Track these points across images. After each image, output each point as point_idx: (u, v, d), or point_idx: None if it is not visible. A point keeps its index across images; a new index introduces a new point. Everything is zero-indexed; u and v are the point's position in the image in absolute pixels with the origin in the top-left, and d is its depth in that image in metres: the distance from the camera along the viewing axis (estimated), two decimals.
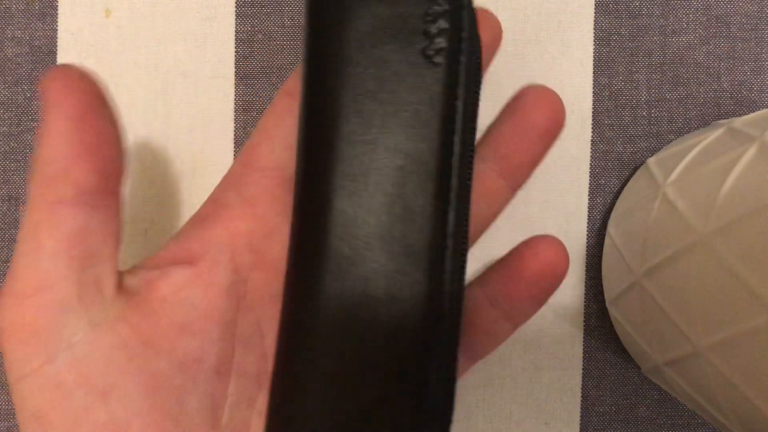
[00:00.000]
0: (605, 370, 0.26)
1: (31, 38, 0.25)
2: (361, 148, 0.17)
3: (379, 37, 0.17)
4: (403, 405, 0.16)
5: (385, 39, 0.17)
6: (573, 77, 0.26)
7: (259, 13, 0.25)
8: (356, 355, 0.16)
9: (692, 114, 0.26)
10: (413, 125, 0.17)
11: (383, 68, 0.17)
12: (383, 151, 0.17)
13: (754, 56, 0.26)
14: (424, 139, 0.17)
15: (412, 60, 0.17)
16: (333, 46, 0.17)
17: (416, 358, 0.16)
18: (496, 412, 0.26)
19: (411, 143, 0.17)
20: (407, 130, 0.17)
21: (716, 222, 0.18)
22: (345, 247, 0.16)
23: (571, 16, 0.25)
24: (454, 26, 0.17)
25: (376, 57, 0.17)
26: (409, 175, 0.17)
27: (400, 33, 0.17)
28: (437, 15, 0.17)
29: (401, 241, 0.17)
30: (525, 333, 0.26)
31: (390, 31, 0.17)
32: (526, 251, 0.19)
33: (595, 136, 0.26)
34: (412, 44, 0.17)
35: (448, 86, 0.17)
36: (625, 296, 0.23)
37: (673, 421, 0.26)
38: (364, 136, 0.17)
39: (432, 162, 0.17)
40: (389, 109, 0.17)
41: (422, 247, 0.17)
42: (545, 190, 0.26)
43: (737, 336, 0.17)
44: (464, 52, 0.17)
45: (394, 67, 0.17)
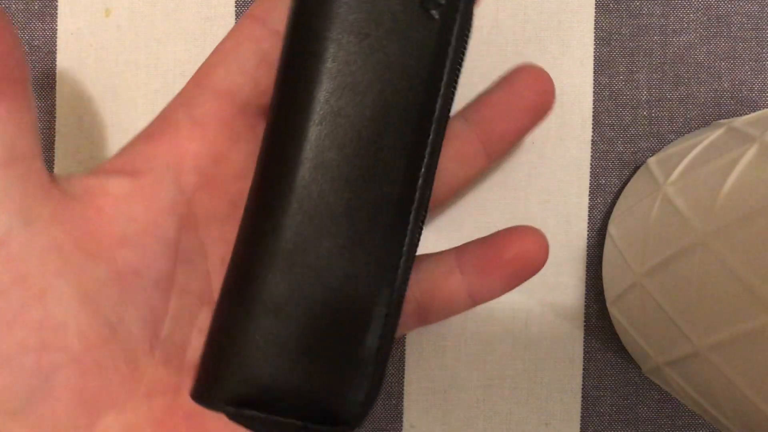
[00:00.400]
0: (606, 370, 0.26)
1: (30, 38, 0.25)
2: (338, 91, 0.17)
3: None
4: (339, 359, 0.17)
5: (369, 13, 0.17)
6: (573, 77, 0.26)
7: None
8: (301, 307, 0.16)
9: (693, 114, 0.26)
10: (396, 77, 0.17)
11: (376, 9, 0.17)
12: (360, 96, 0.17)
13: (755, 56, 0.26)
14: (404, 95, 0.17)
15: (408, 7, 0.17)
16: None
17: (359, 318, 0.17)
18: (496, 412, 0.26)
19: (390, 95, 0.17)
20: (389, 80, 0.17)
21: (716, 222, 0.18)
22: (306, 198, 0.17)
23: (571, 16, 0.25)
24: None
25: (368, 4, 0.17)
26: (383, 131, 0.17)
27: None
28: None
29: (365, 199, 0.17)
30: (525, 333, 0.26)
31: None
32: (511, 235, 0.19)
33: (596, 136, 0.26)
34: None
35: (439, 45, 0.17)
36: (625, 296, 0.23)
37: (674, 421, 0.26)
38: (344, 78, 0.17)
39: (407, 126, 0.17)
40: (375, 54, 0.17)
41: (387, 210, 0.17)
42: (545, 190, 0.26)
43: (737, 336, 0.17)
44: (460, 10, 0.17)
45: (388, 9, 0.17)
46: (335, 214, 0.17)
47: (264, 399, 0.16)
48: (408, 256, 0.17)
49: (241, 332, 0.17)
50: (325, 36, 0.17)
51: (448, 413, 0.26)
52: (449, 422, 0.26)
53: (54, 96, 0.25)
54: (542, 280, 0.26)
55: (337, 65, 0.17)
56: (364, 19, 0.17)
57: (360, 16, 0.17)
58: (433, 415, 0.26)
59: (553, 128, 0.26)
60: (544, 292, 0.26)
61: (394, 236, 0.17)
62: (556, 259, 0.26)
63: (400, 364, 0.26)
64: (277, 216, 0.17)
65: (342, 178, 0.17)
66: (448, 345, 0.26)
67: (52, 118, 0.25)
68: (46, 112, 0.25)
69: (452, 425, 0.26)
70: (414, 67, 0.17)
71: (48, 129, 0.25)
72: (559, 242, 0.26)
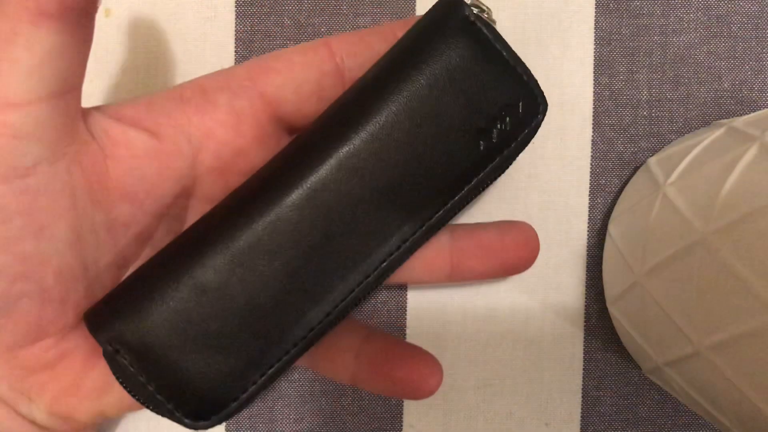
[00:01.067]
0: (606, 370, 0.26)
1: None
2: (362, 155, 0.18)
3: (459, 87, 0.18)
4: (232, 361, 0.17)
5: (462, 93, 0.18)
6: (573, 77, 0.26)
7: (259, 13, 0.25)
8: (225, 302, 0.17)
9: (693, 114, 0.26)
10: (415, 176, 0.18)
11: (440, 111, 0.18)
12: (369, 176, 0.18)
13: (755, 56, 0.26)
14: (415, 193, 0.18)
15: (461, 125, 0.18)
16: (417, 57, 0.18)
17: (267, 337, 0.18)
18: (496, 413, 0.26)
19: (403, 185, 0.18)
20: (406, 173, 0.18)
21: (717, 222, 0.18)
22: (280, 223, 0.17)
23: (571, 16, 0.25)
24: (513, 132, 0.19)
25: (441, 97, 0.18)
26: (373, 213, 0.18)
27: (475, 99, 0.18)
28: (508, 115, 0.19)
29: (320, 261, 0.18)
30: (525, 333, 0.26)
31: (468, 90, 0.18)
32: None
33: (596, 136, 0.26)
34: (476, 114, 0.18)
35: (466, 174, 0.19)
36: (625, 296, 0.23)
37: (674, 421, 0.26)
38: (374, 146, 0.18)
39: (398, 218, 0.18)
40: (413, 144, 0.18)
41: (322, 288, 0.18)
42: (545, 190, 0.26)
43: (737, 336, 0.17)
44: (503, 155, 0.19)
45: (449, 116, 0.18)
46: (298, 250, 0.18)
47: (145, 358, 0.17)
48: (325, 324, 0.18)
49: (161, 291, 0.17)
50: (384, 106, 0.18)
51: (448, 413, 0.26)
52: (449, 422, 0.26)
53: None
54: (542, 280, 0.26)
55: (378, 132, 0.18)
56: (425, 113, 0.18)
57: (423, 109, 0.18)
58: (433, 415, 0.26)
59: (553, 128, 0.26)
60: (544, 292, 0.26)
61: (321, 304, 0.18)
62: (556, 259, 0.26)
63: None
64: (253, 220, 0.17)
65: (322, 229, 0.18)
66: (448, 345, 0.26)
67: None
68: None
69: (452, 425, 0.26)
70: (437, 177, 0.19)
71: None
72: (559, 242, 0.26)
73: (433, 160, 0.18)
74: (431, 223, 0.19)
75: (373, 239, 0.18)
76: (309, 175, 0.18)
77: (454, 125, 0.18)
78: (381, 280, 0.19)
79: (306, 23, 0.25)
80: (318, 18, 0.25)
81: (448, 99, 0.18)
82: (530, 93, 0.19)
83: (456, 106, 0.18)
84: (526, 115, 0.19)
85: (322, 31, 0.25)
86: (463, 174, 0.19)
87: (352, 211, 0.18)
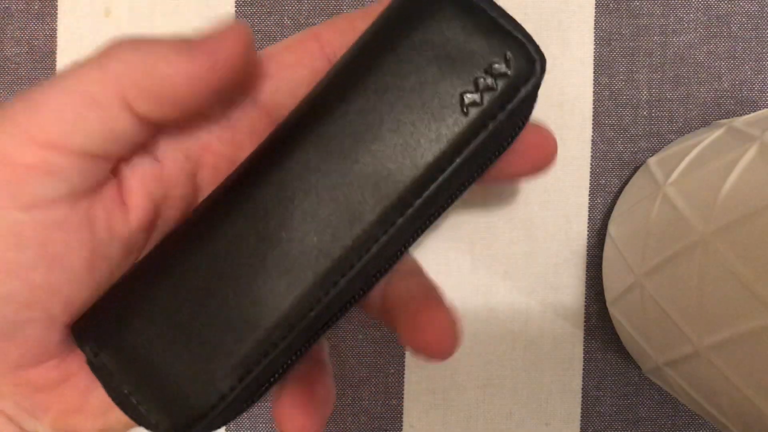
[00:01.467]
0: (606, 370, 0.26)
1: (30, 38, 0.25)
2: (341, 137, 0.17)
3: (434, 53, 0.17)
4: (207, 361, 0.16)
5: (438, 59, 0.17)
6: (573, 77, 0.26)
7: (259, 13, 0.25)
8: (200, 299, 0.17)
9: (693, 114, 0.26)
10: (398, 152, 0.17)
11: (416, 81, 0.17)
12: (360, 161, 0.17)
13: (755, 56, 0.26)
14: (398, 172, 0.17)
15: (446, 92, 0.17)
16: (390, 33, 0.17)
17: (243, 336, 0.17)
18: (496, 413, 0.26)
19: (389, 172, 0.17)
20: (397, 157, 0.17)
21: (716, 222, 0.18)
22: (266, 220, 0.17)
23: (571, 16, 0.25)
24: (504, 94, 0.17)
25: (417, 67, 0.17)
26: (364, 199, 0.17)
27: (454, 63, 0.17)
28: (496, 74, 0.17)
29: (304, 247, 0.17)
30: (525, 333, 0.26)
31: (447, 55, 0.17)
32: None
33: (596, 136, 0.26)
34: (456, 79, 0.17)
35: (458, 143, 0.17)
36: (625, 296, 0.23)
37: (674, 421, 0.26)
38: (354, 127, 0.17)
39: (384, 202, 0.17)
40: (393, 122, 0.17)
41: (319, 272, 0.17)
42: (545, 190, 0.26)
43: (737, 336, 0.17)
44: (497, 122, 0.17)
45: (427, 86, 0.17)
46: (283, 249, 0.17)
47: (127, 366, 0.16)
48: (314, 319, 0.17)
49: (141, 296, 0.17)
50: (357, 85, 0.17)
51: (448, 413, 0.26)
52: (449, 422, 0.26)
53: None
54: (542, 280, 0.26)
55: (355, 112, 0.17)
56: (403, 86, 0.17)
57: (400, 82, 0.17)
58: (433, 415, 0.26)
59: (553, 128, 0.26)
60: (544, 292, 0.26)
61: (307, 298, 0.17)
62: (556, 259, 0.26)
63: (400, 364, 0.26)
64: (234, 218, 0.17)
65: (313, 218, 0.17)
66: None
67: None
68: None
69: (452, 425, 0.26)
70: (419, 151, 0.17)
71: None
72: (559, 242, 0.26)
73: (419, 126, 0.17)
74: (419, 205, 0.17)
75: (356, 227, 0.17)
76: (281, 166, 0.17)
77: (438, 91, 0.17)
78: (374, 271, 0.17)
79: (306, 23, 0.25)
80: (318, 18, 0.25)
81: (429, 66, 0.17)
82: (521, 47, 0.16)
83: (439, 72, 0.17)
84: (519, 74, 0.16)
85: None
86: (453, 146, 0.17)
87: (332, 196, 0.17)
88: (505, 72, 0.16)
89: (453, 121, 0.17)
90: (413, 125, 0.17)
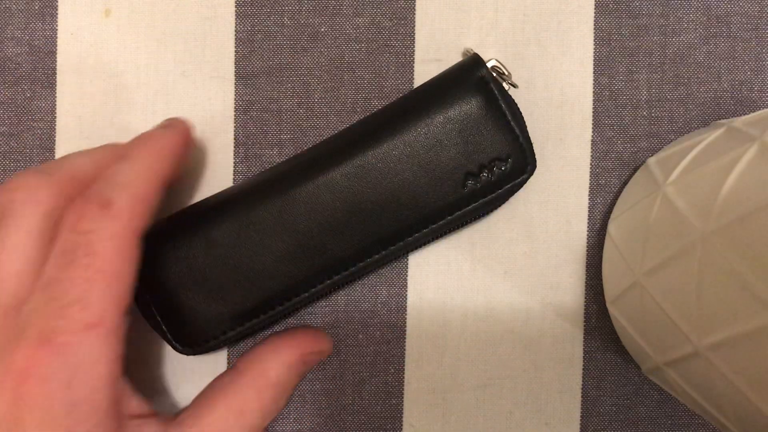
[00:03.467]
0: (605, 370, 0.26)
1: (30, 38, 0.25)
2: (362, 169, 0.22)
3: (458, 131, 0.22)
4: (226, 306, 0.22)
5: (458, 137, 0.21)
6: (573, 77, 0.26)
7: (259, 13, 0.25)
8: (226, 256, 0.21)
9: (693, 114, 0.26)
10: (401, 196, 0.21)
11: (437, 149, 0.21)
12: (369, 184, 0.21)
13: (755, 56, 0.26)
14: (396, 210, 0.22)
15: (455, 167, 0.22)
16: (431, 99, 0.22)
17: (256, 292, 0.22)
18: (496, 412, 0.26)
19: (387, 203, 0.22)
20: (399, 200, 0.22)
21: (716, 222, 0.18)
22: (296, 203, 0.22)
23: (571, 16, 0.25)
24: (496, 184, 0.22)
25: (441, 138, 0.21)
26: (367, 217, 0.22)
27: (467, 146, 0.22)
28: (495, 168, 0.22)
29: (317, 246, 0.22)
30: (525, 333, 0.26)
31: (466, 139, 0.22)
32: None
33: (596, 136, 0.26)
34: (466, 160, 0.22)
35: (448, 209, 0.22)
36: (625, 296, 0.23)
37: (674, 421, 0.26)
38: (380, 171, 0.22)
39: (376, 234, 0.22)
40: (408, 173, 0.21)
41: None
42: (545, 190, 0.26)
43: (737, 336, 0.17)
44: (484, 200, 0.22)
45: (443, 156, 0.21)
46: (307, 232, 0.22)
47: (161, 299, 0.22)
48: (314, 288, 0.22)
49: (179, 243, 0.22)
50: (396, 134, 0.22)
51: (448, 413, 0.26)
52: (449, 422, 0.26)
53: (54, 96, 0.25)
54: (542, 280, 0.26)
55: (384, 153, 0.22)
56: (428, 146, 0.22)
57: (427, 143, 0.22)
58: (433, 415, 0.26)
59: (553, 128, 0.26)
60: (544, 292, 0.26)
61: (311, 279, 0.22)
62: (556, 259, 0.26)
63: (400, 364, 0.26)
64: (268, 194, 0.22)
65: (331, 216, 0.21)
66: (448, 345, 0.26)
67: (52, 118, 0.25)
68: (46, 112, 0.25)
69: (452, 425, 0.26)
70: (422, 203, 0.22)
71: (48, 129, 0.25)
72: (559, 242, 0.26)
73: (422, 186, 0.21)
74: (407, 243, 0.22)
75: (356, 245, 0.21)
76: (322, 172, 0.21)
77: (448, 163, 0.21)
78: (349, 280, 0.22)
79: (306, 23, 0.25)
80: (318, 18, 0.25)
81: (448, 141, 0.21)
82: (522, 152, 0.22)
83: (454, 148, 0.21)
84: (513, 171, 0.22)
85: (321, 31, 0.25)
86: (445, 207, 0.22)
87: (347, 213, 0.21)
88: (503, 169, 0.22)
89: (452, 191, 0.22)
90: (420, 180, 0.21)
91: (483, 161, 0.22)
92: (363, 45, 0.25)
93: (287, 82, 0.25)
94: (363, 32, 0.25)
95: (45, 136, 0.25)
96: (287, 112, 0.25)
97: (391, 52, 0.25)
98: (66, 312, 0.17)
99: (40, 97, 0.25)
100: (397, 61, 0.25)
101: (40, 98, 0.25)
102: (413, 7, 0.25)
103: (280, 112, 0.25)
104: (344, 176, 0.21)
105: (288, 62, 0.25)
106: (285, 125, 0.25)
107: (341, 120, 0.25)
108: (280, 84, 0.25)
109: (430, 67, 0.25)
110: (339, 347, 0.26)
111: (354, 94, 0.25)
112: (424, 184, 0.21)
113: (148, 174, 0.20)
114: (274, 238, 0.21)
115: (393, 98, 0.25)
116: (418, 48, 0.25)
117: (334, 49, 0.25)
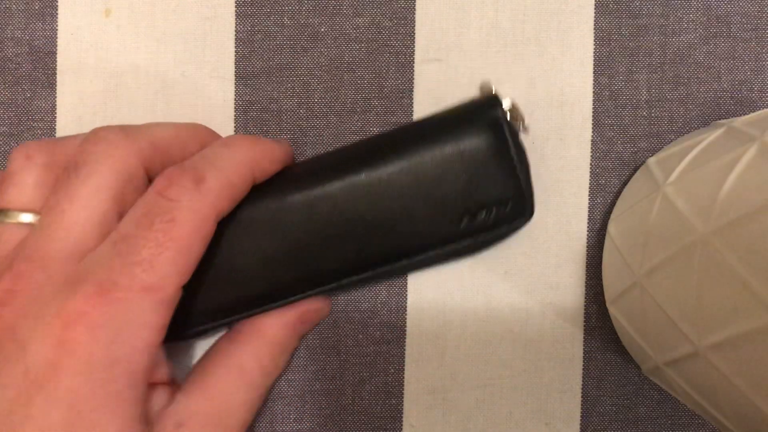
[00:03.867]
0: (605, 370, 0.26)
1: (30, 38, 0.25)
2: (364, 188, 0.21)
3: (466, 166, 0.21)
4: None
5: (464, 173, 0.21)
6: (573, 77, 0.26)
7: (259, 13, 0.25)
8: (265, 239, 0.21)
9: (693, 114, 0.26)
10: (399, 220, 0.21)
11: (440, 181, 0.21)
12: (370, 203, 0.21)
13: (755, 56, 0.26)
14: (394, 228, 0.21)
15: (456, 202, 0.21)
16: (445, 129, 0.22)
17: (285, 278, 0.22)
18: (496, 412, 0.26)
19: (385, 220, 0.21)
20: (395, 224, 0.21)
21: (716, 222, 0.18)
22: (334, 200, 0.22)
23: (571, 16, 0.25)
24: (492, 226, 0.22)
25: (448, 170, 0.21)
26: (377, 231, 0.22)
27: (470, 182, 0.21)
28: (494, 211, 0.22)
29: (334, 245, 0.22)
30: (525, 333, 0.26)
31: (470, 177, 0.21)
32: None
33: (595, 136, 0.26)
34: (468, 198, 0.21)
35: (438, 242, 0.22)
36: (625, 296, 0.23)
37: (674, 421, 0.26)
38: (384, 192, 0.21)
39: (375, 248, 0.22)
40: (409, 199, 0.21)
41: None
42: (545, 190, 0.26)
43: (737, 336, 0.17)
44: (477, 240, 0.22)
45: (445, 189, 0.21)
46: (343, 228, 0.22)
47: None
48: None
49: None
50: (404, 159, 0.21)
51: (448, 413, 0.26)
52: (449, 422, 0.26)
53: (54, 96, 0.25)
54: (542, 280, 0.26)
55: (389, 175, 0.21)
56: (431, 176, 0.21)
57: (431, 172, 0.21)
58: (433, 415, 0.26)
59: (553, 128, 0.26)
60: (544, 292, 0.26)
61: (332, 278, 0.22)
62: (556, 259, 0.26)
63: (400, 364, 0.26)
64: (263, 195, 0.21)
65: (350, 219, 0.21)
66: (448, 345, 0.26)
67: (52, 118, 0.25)
68: (46, 112, 0.25)
69: (452, 425, 0.26)
70: (416, 231, 0.21)
71: (48, 129, 0.25)
72: (559, 242, 0.26)
73: (420, 215, 0.21)
74: (393, 267, 0.22)
75: (341, 262, 0.22)
76: (324, 183, 0.21)
77: (449, 198, 0.21)
78: (335, 290, 0.23)
79: (306, 23, 0.25)
80: (318, 18, 0.25)
81: (453, 175, 0.21)
82: (522, 199, 0.22)
83: (458, 183, 0.21)
84: (510, 215, 0.22)
85: (321, 31, 0.25)
86: (438, 239, 0.22)
87: (341, 229, 0.21)
88: (503, 212, 0.22)
89: (447, 225, 0.22)
90: (419, 209, 0.21)
91: (483, 201, 0.21)
92: (363, 45, 0.25)
93: (287, 82, 0.25)
94: (363, 32, 0.25)
95: (45, 136, 0.25)
96: (287, 112, 0.25)
97: (391, 52, 0.25)
98: (130, 270, 0.18)
99: (40, 97, 0.25)
100: (397, 61, 0.25)
101: (40, 98, 0.25)
102: (413, 7, 0.25)
103: (280, 112, 0.25)
104: (346, 192, 0.21)
105: (288, 62, 0.25)
106: (285, 125, 0.25)
107: (341, 120, 0.25)
108: (280, 84, 0.25)
109: (430, 67, 0.25)
110: (339, 347, 0.26)
111: (354, 94, 0.25)
112: (421, 213, 0.21)
113: (245, 168, 0.20)
114: (263, 241, 0.21)
115: (393, 98, 0.25)
116: (418, 48, 0.25)
117: (334, 49, 0.25)
